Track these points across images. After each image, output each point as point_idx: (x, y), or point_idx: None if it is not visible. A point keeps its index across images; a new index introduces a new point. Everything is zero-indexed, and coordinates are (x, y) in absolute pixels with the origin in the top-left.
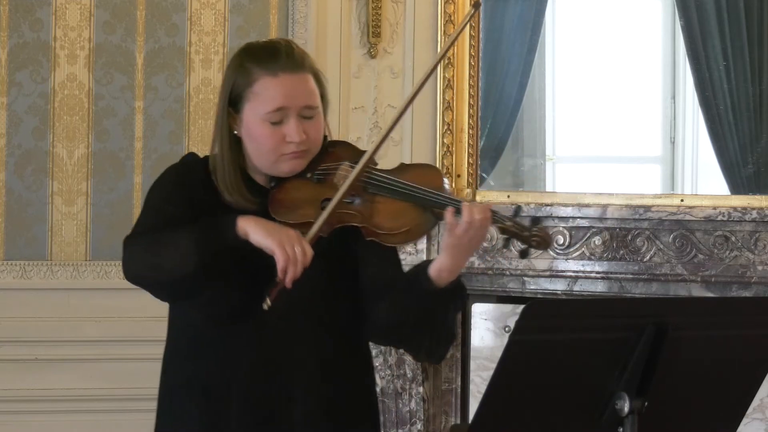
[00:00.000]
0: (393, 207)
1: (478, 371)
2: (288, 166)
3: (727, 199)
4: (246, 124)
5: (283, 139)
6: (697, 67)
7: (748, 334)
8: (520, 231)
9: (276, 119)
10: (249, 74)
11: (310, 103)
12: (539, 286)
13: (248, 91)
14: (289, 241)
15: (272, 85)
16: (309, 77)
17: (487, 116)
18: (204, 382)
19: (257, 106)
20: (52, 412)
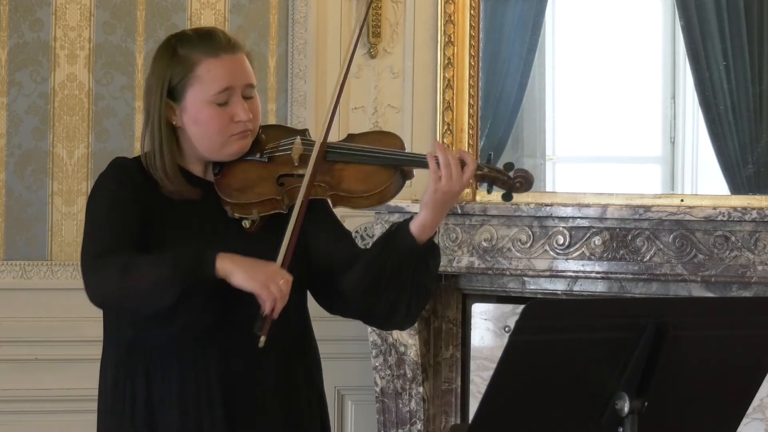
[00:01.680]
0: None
1: (478, 371)
2: (236, 146)
3: (727, 199)
4: (190, 110)
5: (231, 120)
6: (697, 67)
7: (748, 334)
8: (500, 175)
9: (222, 100)
10: (188, 60)
11: (251, 82)
12: (539, 286)
13: (190, 76)
14: (272, 280)
15: (215, 66)
16: (245, 58)
17: (487, 116)
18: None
19: (202, 89)
20: (52, 412)
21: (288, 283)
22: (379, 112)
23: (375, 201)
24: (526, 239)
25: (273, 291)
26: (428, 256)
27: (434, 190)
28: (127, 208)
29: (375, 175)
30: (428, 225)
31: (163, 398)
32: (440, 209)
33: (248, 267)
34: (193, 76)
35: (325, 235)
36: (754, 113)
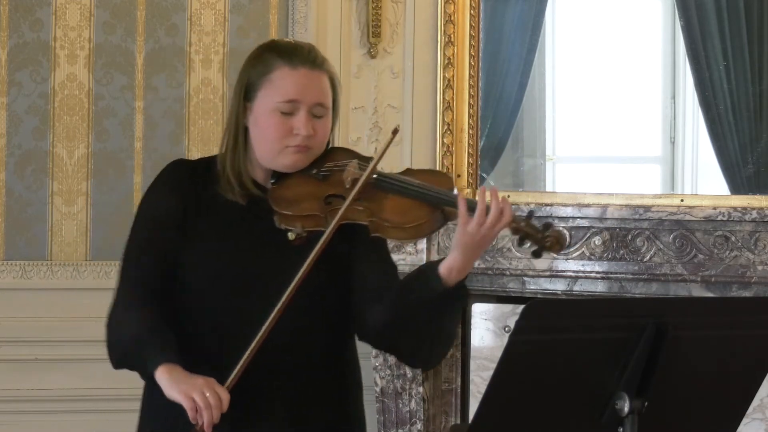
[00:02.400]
0: (402, 203)
1: (478, 371)
2: (290, 159)
3: (727, 199)
4: (256, 111)
5: (290, 131)
6: (697, 67)
7: (748, 334)
8: (534, 232)
9: (287, 110)
10: (267, 64)
11: (322, 101)
12: (539, 286)
13: (264, 78)
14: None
15: (289, 76)
16: (326, 78)
17: (487, 116)
18: None
19: (271, 94)
20: (52, 412)
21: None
22: (379, 112)
23: (410, 235)
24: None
25: (197, 399)
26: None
27: (462, 233)
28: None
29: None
30: (456, 268)
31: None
32: (470, 253)
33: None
34: (267, 79)
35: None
36: (754, 113)
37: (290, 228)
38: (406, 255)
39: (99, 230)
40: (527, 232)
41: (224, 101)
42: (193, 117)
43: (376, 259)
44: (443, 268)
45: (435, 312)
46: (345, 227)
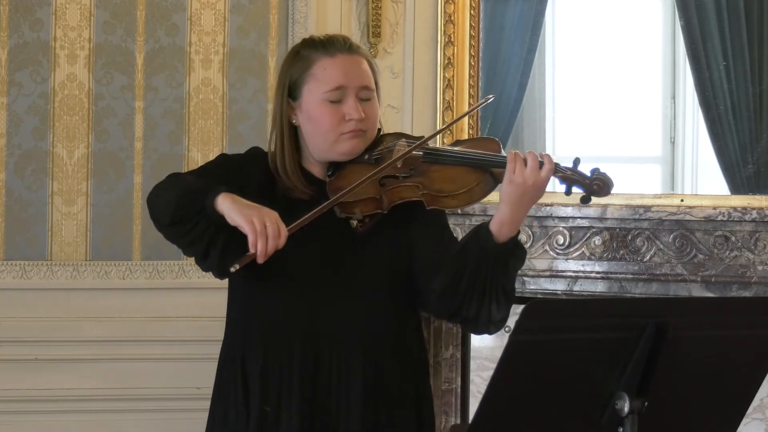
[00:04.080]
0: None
1: (478, 371)
2: (347, 145)
3: (727, 199)
4: (305, 107)
5: (343, 118)
6: (697, 67)
7: (748, 334)
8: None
9: (335, 98)
10: (306, 59)
11: (367, 84)
12: (539, 286)
13: (306, 74)
14: (259, 218)
15: (330, 65)
16: (364, 61)
17: (487, 116)
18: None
19: (316, 86)
20: (52, 412)
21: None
22: None
23: (463, 201)
24: (526, 239)
25: (257, 226)
26: (509, 255)
27: (507, 182)
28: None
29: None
30: (506, 221)
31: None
32: (517, 205)
33: (240, 203)
34: (309, 74)
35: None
36: (754, 113)
37: (350, 215)
38: None
39: (99, 230)
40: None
41: (224, 101)
42: (193, 117)
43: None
44: (493, 224)
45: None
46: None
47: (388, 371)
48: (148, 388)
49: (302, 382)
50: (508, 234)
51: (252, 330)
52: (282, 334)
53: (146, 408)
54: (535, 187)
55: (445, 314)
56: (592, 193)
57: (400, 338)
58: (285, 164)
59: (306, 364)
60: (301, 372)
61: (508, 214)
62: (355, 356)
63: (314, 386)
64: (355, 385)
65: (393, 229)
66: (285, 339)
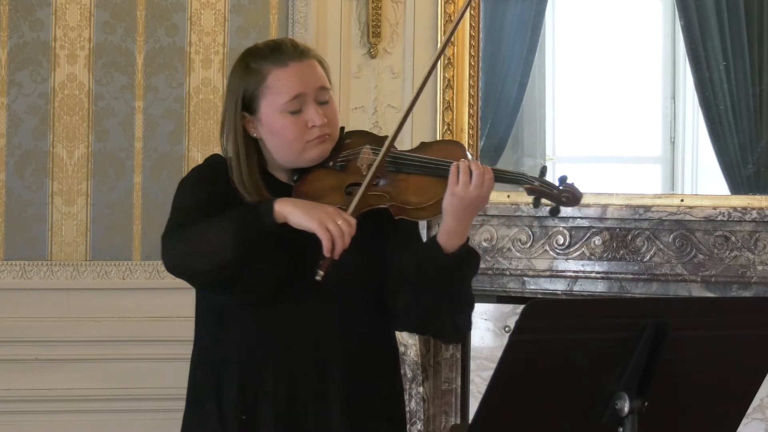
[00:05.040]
0: (419, 182)
1: (478, 371)
2: (315, 152)
3: (727, 199)
4: (265, 121)
5: (306, 126)
6: (697, 67)
7: (748, 334)
8: (549, 189)
9: (294, 108)
10: (258, 73)
11: (323, 84)
12: (539, 286)
13: (261, 87)
14: (329, 218)
15: (284, 76)
16: (316, 63)
17: (487, 116)
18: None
19: (274, 99)
20: (52, 412)
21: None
22: (379, 112)
23: (431, 213)
24: (526, 239)
25: (331, 228)
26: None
27: (450, 194)
28: (208, 201)
29: (431, 187)
30: (451, 232)
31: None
32: (460, 216)
33: (307, 206)
34: (264, 87)
35: (394, 248)
36: (754, 113)
37: None
38: None
39: (99, 230)
40: (542, 190)
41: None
42: (193, 117)
43: (399, 245)
44: (440, 236)
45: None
46: (371, 219)
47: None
48: (148, 388)
49: (277, 399)
50: (457, 243)
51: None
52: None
53: (146, 408)
54: (479, 200)
55: (411, 329)
56: (560, 204)
57: (378, 346)
58: (242, 176)
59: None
60: (277, 388)
61: (453, 225)
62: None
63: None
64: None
65: (366, 236)
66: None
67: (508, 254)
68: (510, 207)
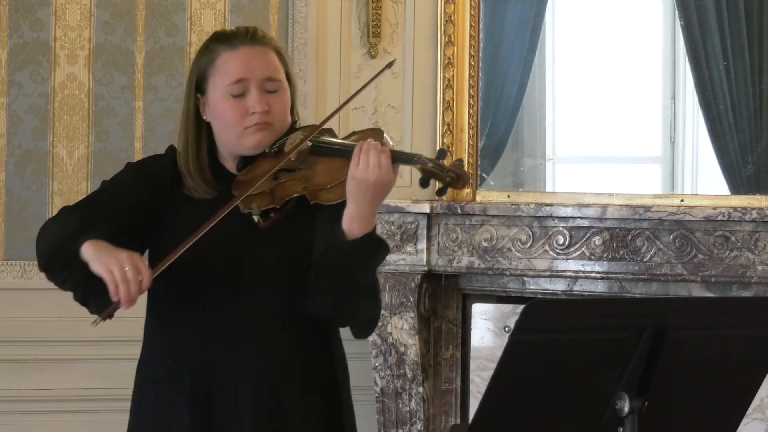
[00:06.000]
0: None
1: (478, 371)
2: (253, 139)
3: (727, 199)
4: (211, 101)
5: (246, 112)
6: (697, 67)
7: (748, 334)
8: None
9: (237, 91)
10: (211, 53)
11: (271, 75)
12: (539, 286)
13: (211, 68)
14: (117, 264)
15: (231, 58)
16: (270, 52)
17: (487, 116)
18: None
19: (219, 80)
20: (52, 412)
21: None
22: (379, 112)
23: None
24: (526, 239)
25: (115, 273)
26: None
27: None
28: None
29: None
30: (353, 216)
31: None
32: (361, 199)
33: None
34: (213, 67)
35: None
36: (754, 113)
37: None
38: (406, 255)
39: None
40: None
41: None
42: None
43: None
44: (344, 221)
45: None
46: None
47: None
48: None
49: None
50: (361, 230)
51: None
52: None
53: None
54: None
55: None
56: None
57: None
58: (188, 162)
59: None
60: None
61: (356, 210)
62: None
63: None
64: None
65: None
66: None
67: (508, 254)
68: (510, 207)
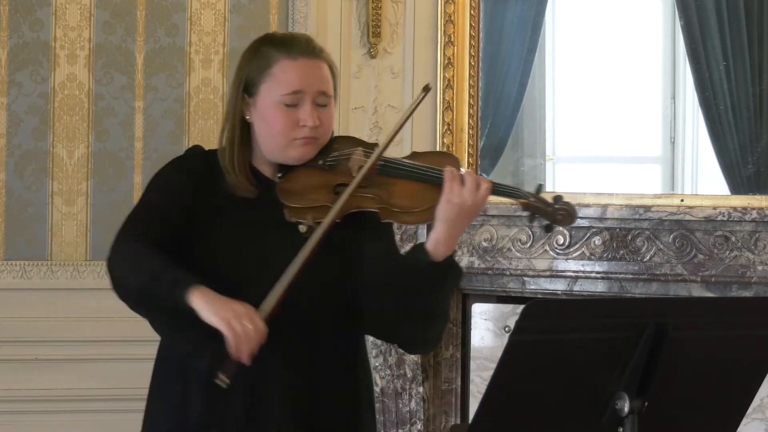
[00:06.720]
0: (410, 187)
1: (478, 371)
2: (298, 152)
3: (727, 199)
4: (260, 106)
5: (297, 123)
6: (697, 67)
7: (748, 334)
8: (545, 206)
9: (291, 102)
10: (267, 57)
11: (325, 90)
12: (539, 286)
13: (265, 73)
14: (236, 318)
15: (290, 68)
16: (325, 66)
17: (487, 116)
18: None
19: (274, 87)
20: (52, 412)
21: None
22: (379, 112)
23: (420, 218)
24: (526, 239)
25: (236, 328)
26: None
27: (445, 201)
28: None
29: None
30: (441, 240)
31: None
32: (452, 224)
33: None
34: (268, 73)
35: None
36: (754, 113)
37: (300, 221)
38: None
39: (99, 230)
40: (537, 206)
41: (224, 101)
42: (193, 117)
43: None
44: (430, 243)
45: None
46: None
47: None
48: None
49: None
50: (444, 253)
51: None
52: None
53: None
54: (474, 207)
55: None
56: (555, 222)
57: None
58: (233, 160)
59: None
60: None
61: (445, 233)
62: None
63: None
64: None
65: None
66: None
67: (508, 254)
68: (510, 207)
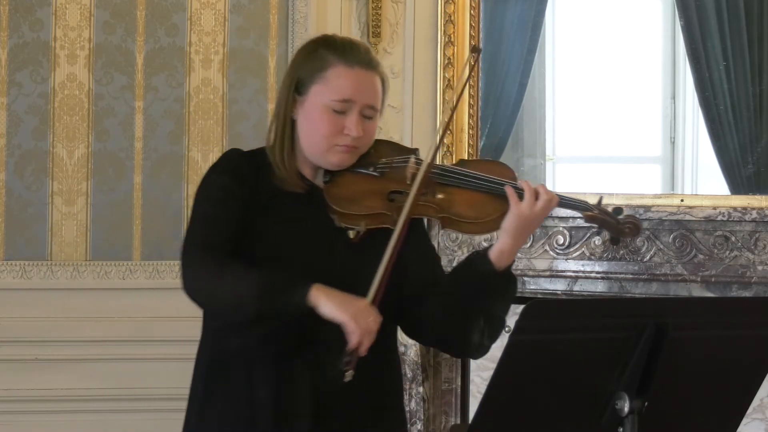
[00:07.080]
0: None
1: (478, 371)
2: (337, 158)
3: (727, 199)
4: (308, 106)
5: (341, 130)
6: (697, 67)
7: (748, 334)
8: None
9: (339, 108)
10: (323, 59)
11: (374, 104)
12: (539, 286)
13: (319, 75)
14: (361, 315)
15: (345, 75)
16: (378, 79)
17: (487, 116)
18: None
19: (325, 91)
20: (52, 412)
21: (377, 322)
22: None
23: (484, 229)
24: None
25: (361, 324)
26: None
27: (516, 215)
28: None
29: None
30: (506, 251)
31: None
32: (518, 236)
33: (340, 298)
34: (322, 76)
35: (418, 257)
36: (754, 113)
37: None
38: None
39: (99, 230)
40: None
41: (224, 101)
42: (193, 117)
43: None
44: (494, 253)
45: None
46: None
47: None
48: (148, 388)
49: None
50: (506, 263)
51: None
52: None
53: (146, 408)
54: (539, 220)
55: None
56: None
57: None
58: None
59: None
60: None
61: (509, 245)
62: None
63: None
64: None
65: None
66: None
67: None
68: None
